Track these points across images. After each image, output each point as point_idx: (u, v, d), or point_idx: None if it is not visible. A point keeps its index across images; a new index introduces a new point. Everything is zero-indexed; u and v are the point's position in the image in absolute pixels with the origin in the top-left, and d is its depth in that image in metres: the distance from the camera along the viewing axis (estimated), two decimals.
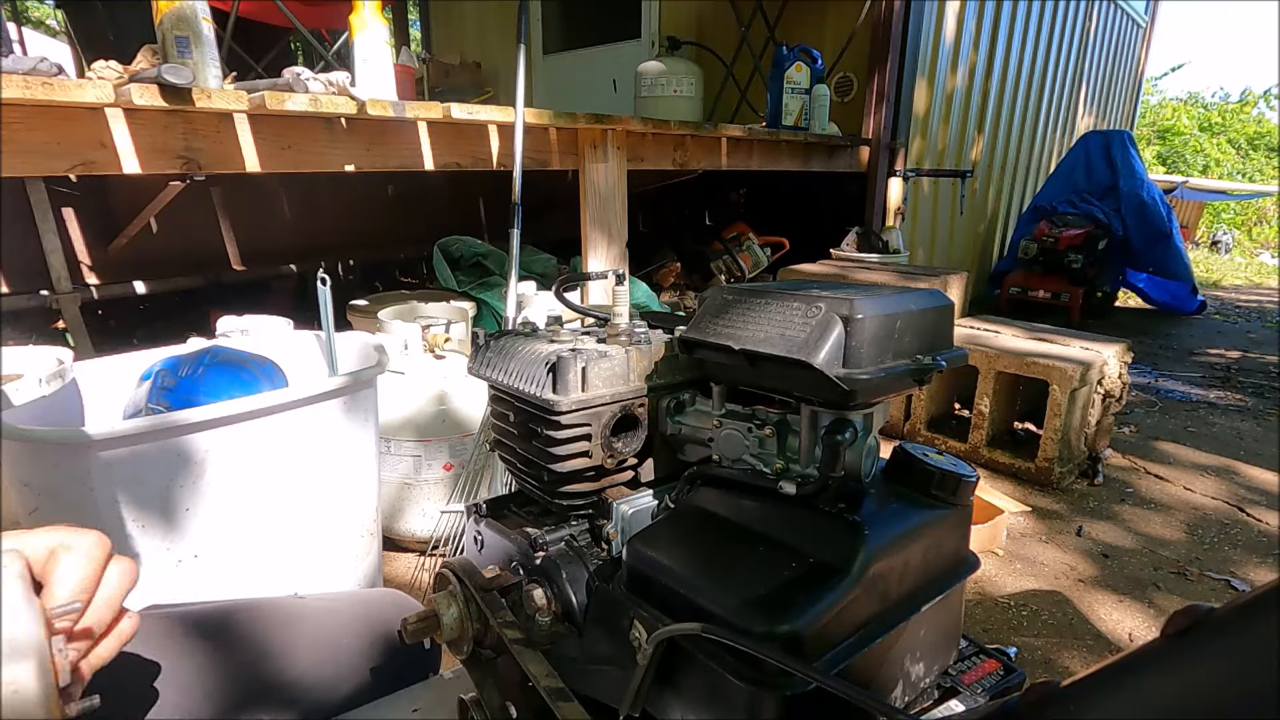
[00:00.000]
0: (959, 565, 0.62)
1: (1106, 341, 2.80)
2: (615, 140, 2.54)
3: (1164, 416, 3.49)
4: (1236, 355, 4.84)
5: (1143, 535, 2.30)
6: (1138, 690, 0.24)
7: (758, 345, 0.56)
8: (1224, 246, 13.06)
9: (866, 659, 0.51)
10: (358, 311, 2.67)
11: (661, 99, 3.86)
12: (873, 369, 0.53)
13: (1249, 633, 0.22)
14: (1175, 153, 16.25)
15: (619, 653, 0.55)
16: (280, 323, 1.87)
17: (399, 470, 1.90)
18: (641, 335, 0.72)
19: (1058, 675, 0.36)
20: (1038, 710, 0.27)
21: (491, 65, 5.65)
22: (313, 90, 1.73)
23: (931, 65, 4.39)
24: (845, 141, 3.84)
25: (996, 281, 5.78)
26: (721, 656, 0.48)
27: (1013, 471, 2.69)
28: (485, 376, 0.73)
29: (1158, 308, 6.43)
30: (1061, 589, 1.98)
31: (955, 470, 0.60)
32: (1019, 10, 5.29)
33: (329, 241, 4.12)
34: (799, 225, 4.38)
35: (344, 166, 2.00)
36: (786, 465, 0.60)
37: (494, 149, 2.33)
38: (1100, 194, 5.58)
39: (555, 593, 0.62)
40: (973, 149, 5.29)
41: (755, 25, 4.34)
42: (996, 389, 2.71)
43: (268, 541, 1.35)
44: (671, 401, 0.69)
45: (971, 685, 0.64)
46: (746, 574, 0.53)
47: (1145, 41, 8.42)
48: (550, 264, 3.64)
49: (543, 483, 0.70)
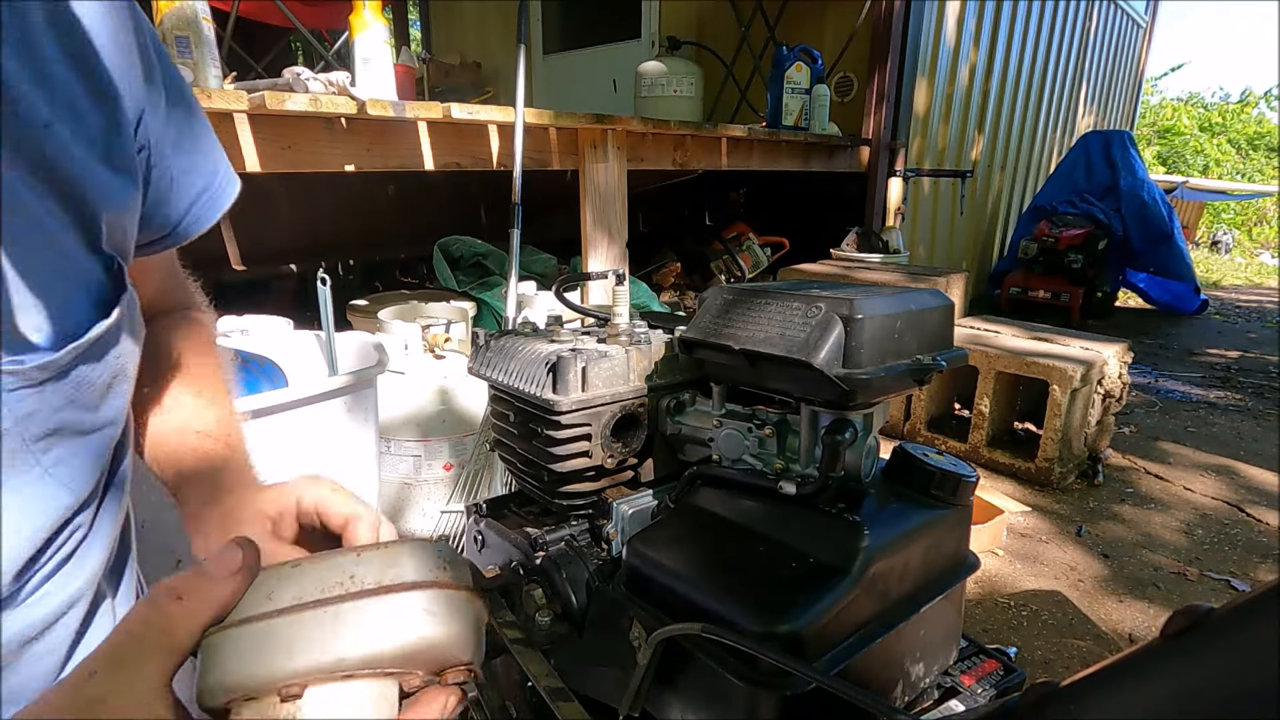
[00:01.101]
0: (959, 565, 0.62)
1: (1106, 341, 2.80)
2: (615, 140, 2.54)
3: (1164, 416, 3.49)
4: (1236, 355, 4.84)
5: (1143, 535, 2.30)
6: (1138, 690, 0.24)
7: (758, 345, 0.56)
8: (1224, 246, 13.06)
9: (866, 659, 0.51)
10: (358, 311, 2.67)
11: (661, 99, 3.86)
12: (873, 369, 0.53)
13: (1249, 633, 0.22)
14: (1175, 153, 16.25)
15: (619, 653, 0.55)
16: (280, 323, 1.87)
17: (399, 470, 1.90)
18: (641, 335, 0.72)
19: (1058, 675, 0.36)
20: (1038, 710, 0.27)
21: (491, 65, 5.65)
22: (313, 90, 1.73)
23: (931, 65, 4.39)
24: (845, 141, 3.84)
25: (996, 281, 5.78)
26: (721, 656, 0.48)
27: (1013, 471, 2.69)
28: (485, 376, 0.73)
29: (1158, 308, 6.43)
30: (1061, 589, 1.98)
31: (955, 470, 0.60)
32: (1019, 10, 5.29)
33: (329, 241, 4.12)
34: (799, 225, 4.38)
35: (344, 166, 2.00)
36: (786, 465, 0.60)
37: (494, 149, 2.33)
38: (1100, 194, 5.59)
39: (555, 593, 0.62)
40: (973, 149, 5.29)
41: (755, 25, 4.34)
42: (996, 389, 2.71)
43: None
44: (671, 401, 0.69)
45: (971, 685, 0.64)
46: (746, 574, 0.53)
47: (1145, 41, 8.42)
48: (550, 264, 3.64)
49: (543, 483, 0.70)
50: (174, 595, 0.32)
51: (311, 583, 0.36)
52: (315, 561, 0.37)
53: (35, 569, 0.45)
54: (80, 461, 0.46)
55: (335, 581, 0.36)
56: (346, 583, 0.36)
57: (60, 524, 0.46)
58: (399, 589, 0.36)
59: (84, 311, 0.45)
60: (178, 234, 0.58)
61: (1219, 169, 15.94)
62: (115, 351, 0.47)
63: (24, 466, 0.43)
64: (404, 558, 0.38)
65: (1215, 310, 6.66)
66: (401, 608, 0.36)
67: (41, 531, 0.44)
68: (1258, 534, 2.33)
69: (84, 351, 0.44)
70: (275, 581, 0.36)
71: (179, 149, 0.54)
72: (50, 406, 0.43)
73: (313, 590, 0.36)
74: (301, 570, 0.37)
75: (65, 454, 0.45)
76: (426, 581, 0.37)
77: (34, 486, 0.43)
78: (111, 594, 0.53)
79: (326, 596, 0.35)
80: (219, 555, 0.34)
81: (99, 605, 0.51)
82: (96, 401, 0.47)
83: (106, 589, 0.52)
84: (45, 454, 0.44)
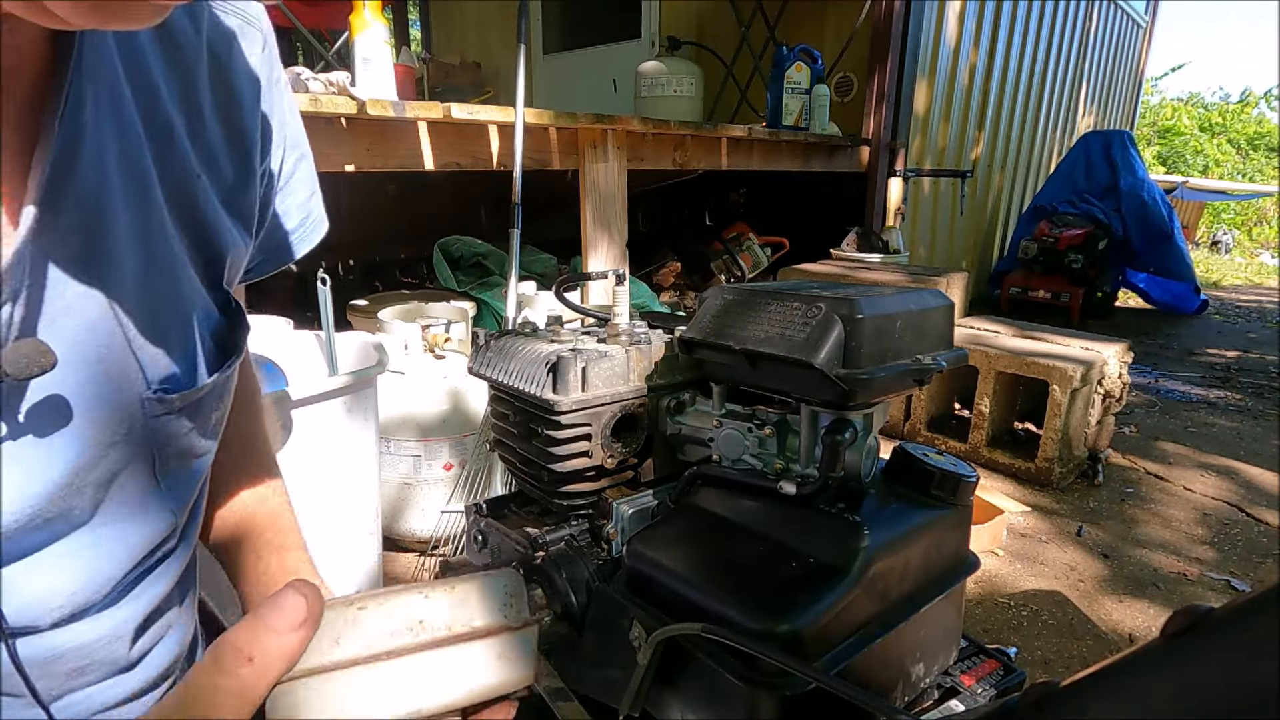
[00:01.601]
0: (959, 565, 0.62)
1: (1106, 341, 2.80)
2: (615, 140, 2.54)
3: (1164, 416, 3.49)
4: (1236, 355, 4.84)
5: (1143, 535, 2.30)
6: (1138, 690, 0.24)
7: (758, 345, 0.56)
8: (1224, 246, 13.07)
9: (866, 659, 0.51)
10: (358, 311, 2.67)
11: (661, 99, 3.86)
12: (873, 369, 0.53)
13: (1249, 633, 0.22)
14: (1175, 153, 16.25)
15: (619, 653, 0.55)
16: (280, 323, 1.87)
17: (399, 470, 1.90)
18: (641, 335, 0.72)
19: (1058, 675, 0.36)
20: (1038, 710, 0.27)
21: (491, 65, 5.65)
22: (313, 90, 1.73)
23: (931, 65, 4.39)
24: (845, 141, 3.84)
25: (996, 281, 5.78)
26: (722, 656, 0.48)
27: (1013, 471, 2.69)
28: (485, 376, 0.73)
29: (1158, 308, 6.43)
30: (1061, 589, 1.98)
31: (955, 470, 0.60)
32: (1019, 10, 5.29)
33: (329, 241, 4.10)
34: (799, 225, 4.38)
35: (344, 166, 2.00)
36: (786, 465, 0.60)
37: (494, 149, 2.33)
38: (1100, 194, 5.59)
39: (555, 593, 0.62)
40: (973, 149, 5.29)
41: (755, 25, 4.34)
42: (996, 389, 2.71)
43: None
44: (671, 401, 0.69)
45: (971, 685, 0.64)
46: (746, 574, 0.53)
47: (1145, 41, 8.42)
48: (550, 264, 3.64)
49: (543, 483, 0.70)
50: (243, 657, 0.31)
51: (379, 628, 0.36)
52: (381, 601, 0.37)
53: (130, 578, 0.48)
54: (187, 482, 0.51)
55: (404, 627, 0.36)
56: (416, 628, 0.36)
57: (165, 537, 0.50)
58: (469, 638, 0.37)
59: (208, 347, 0.49)
60: (250, 274, 0.61)
61: (1219, 169, 15.94)
62: (231, 384, 0.53)
63: (150, 485, 0.47)
64: (472, 599, 0.38)
65: (1215, 310, 6.66)
66: (473, 657, 0.37)
67: (149, 543, 0.48)
68: (1258, 534, 2.33)
69: (215, 386, 0.49)
70: (341, 625, 0.35)
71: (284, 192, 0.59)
72: (181, 431, 0.47)
73: (382, 637, 0.35)
74: (368, 614, 0.36)
75: (181, 476, 0.50)
76: (496, 627, 0.38)
77: (153, 503, 0.47)
78: (179, 599, 0.56)
79: (397, 647, 0.35)
80: (282, 605, 0.32)
81: (169, 609, 0.54)
82: (213, 430, 0.52)
83: (176, 595, 0.55)
84: (165, 477, 0.48)
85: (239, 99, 0.49)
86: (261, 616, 0.31)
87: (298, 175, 0.60)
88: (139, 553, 0.47)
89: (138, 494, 0.46)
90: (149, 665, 0.52)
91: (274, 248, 0.61)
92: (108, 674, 0.48)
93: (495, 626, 0.38)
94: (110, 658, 0.48)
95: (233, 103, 0.49)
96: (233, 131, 0.49)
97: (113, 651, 0.48)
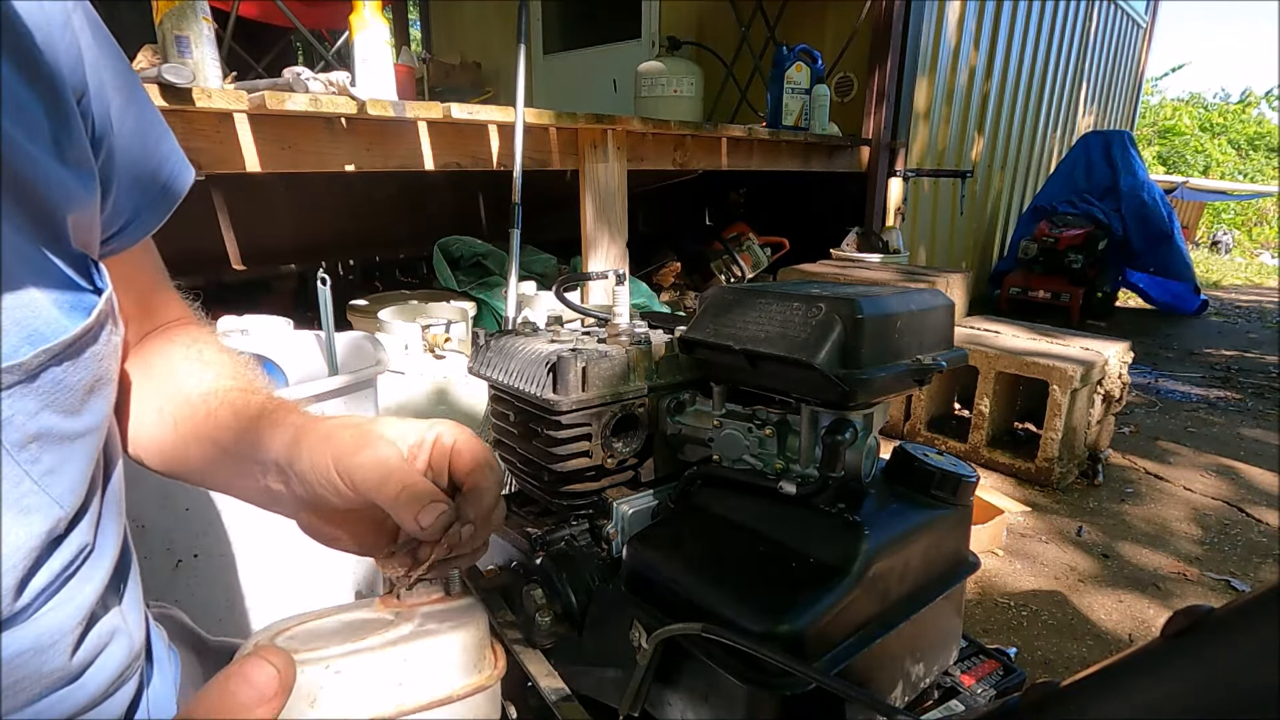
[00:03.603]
0: (959, 565, 0.62)
1: (1107, 341, 2.80)
2: (615, 140, 2.54)
3: (1164, 416, 3.49)
4: (1236, 355, 4.84)
5: (1143, 535, 2.30)
6: (1138, 690, 0.24)
7: (758, 345, 0.56)
8: (1224, 247, 13.06)
9: (866, 659, 0.51)
10: (358, 311, 2.67)
11: (661, 99, 3.86)
12: (873, 369, 0.53)
13: (1249, 633, 0.22)
14: (1176, 153, 16.25)
15: (619, 653, 0.55)
16: (280, 322, 1.87)
17: None
18: (641, 335, 0.72)
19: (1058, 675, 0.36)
20: (1038, 710, 0.27)
21: (491, 65, 5.65)
22: (313, 90, 1.73)
23: (931, 65, 4.39)
24: (845, 141, 3.83)
25: (996, 281, 5.78)
26: (721, 656, 0.48)
27: (1013, 471, 2.69)
28: (485, 376, 0.73)
29: (1158, 308, 6.43)
30: (1061, 589, 1.98)
31: (955, 470, 0.60)
32: (1019, 10, 5.29)
33: (329, 241, 4.11)
34: (799, 225, 4.38)
35: (344, 166, 2.00)
36: (786, 465, 0.60)
37: (494, 149, 2.33)
38: (1100, 194, 5.59)
39: (555, 593, 0.62)
40: (973, 149, 5.29)
41: (755, 25, 4.34)
42: (996, 389, 2.71)
43: (267, 541, 1.35)
44: (671, 401, 0.69)
45: (971, 685, 0.64)
46: (747, 574, 0.53)
47: (1145, 41, 8.42)
48: (550, 264, 3.64)
49: (543, 483, 0.70)
50: None
51: (359, 693, 0.37)
52: (359, 659, 0.38)
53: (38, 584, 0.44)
54: (70, 469, 0.45)
55: (383, 692, 0.37)
56: (395, 691, 0.38)
57: (57, 536, 0.45)
58: (446, 703, 0.39)
59: (52, 313, 0.43)
60: (125, 233, 0.55)
61: (1219, 169, 15.94)
62: (94, 352, 0.46)
63: (16, 478, 0.42)
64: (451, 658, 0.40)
65: (1215, 310, 6.66)
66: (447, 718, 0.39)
67: (38, 543, 0.43)
68: (1258, 534, 2.33)
69: (57, 354, 0.43)
70: (318, 689, 0.35)
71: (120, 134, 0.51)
72: (25, 411, 0.42)
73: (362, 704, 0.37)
74: (346, 678, 0.37)
75: (55, 463, 0.44)
76: (472, 688, 0.40)
77: (28, 499, 0.42)
78: (117, 601, 0.53)
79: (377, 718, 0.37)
80: (250, 677, 0.30)
81: (106, 614, 0.51)
82: (77, 405, 0.45)
83: (113, 598, 0.52)
84: (34, 465, 0.43)
85: (27, 30, 0.42)
86: (231, 692, 0.30)
87: (131, 113, 0.53)
88: (29, 551, 0.43)
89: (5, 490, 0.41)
90: (96, 675, 0.49)
91: (137, 199, 0.55)
92: (52, 687, 0.46)
93: (471, 688, 0.39)
94: (48, 669, 0.45)
95: (21, 34, 0.42)
96: (28, 66, 0.42)
97: (48, 663, 0.45)
